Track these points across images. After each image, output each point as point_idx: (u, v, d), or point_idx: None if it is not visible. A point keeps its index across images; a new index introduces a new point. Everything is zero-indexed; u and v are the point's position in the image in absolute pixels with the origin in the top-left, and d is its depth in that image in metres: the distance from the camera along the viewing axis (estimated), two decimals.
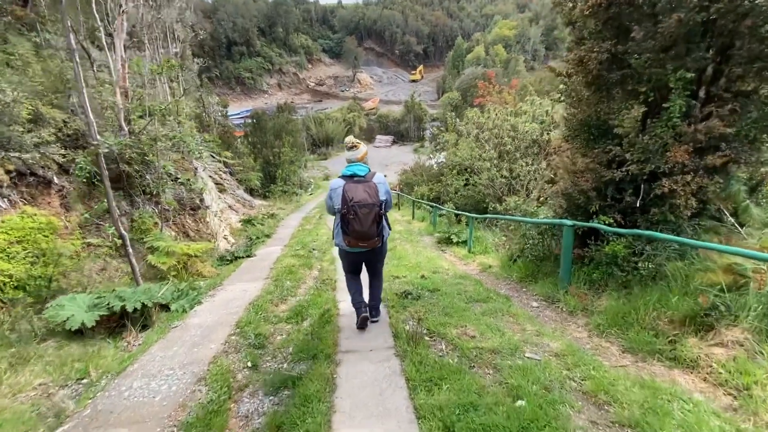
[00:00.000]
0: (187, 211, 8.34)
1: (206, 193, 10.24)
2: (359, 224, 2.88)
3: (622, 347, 3.22)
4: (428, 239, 9.74)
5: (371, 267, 3.42)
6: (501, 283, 5.36)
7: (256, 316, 3.97)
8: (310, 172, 33.52)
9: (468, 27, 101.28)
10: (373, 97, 78.70)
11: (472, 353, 2.98)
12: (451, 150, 11.63)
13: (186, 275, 5.74)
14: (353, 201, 2.87)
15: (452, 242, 8.67)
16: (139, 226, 6.16)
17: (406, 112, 49.44)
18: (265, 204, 20.12)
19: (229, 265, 6.64)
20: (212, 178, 15.57)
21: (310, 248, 8.04)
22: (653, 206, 3.90)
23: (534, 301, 4.55)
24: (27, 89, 4.53)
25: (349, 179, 3.01)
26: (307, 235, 9.84)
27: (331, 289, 4.96)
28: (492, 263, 6.34)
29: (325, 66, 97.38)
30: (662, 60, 3.29)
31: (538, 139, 9.13)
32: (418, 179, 18.68)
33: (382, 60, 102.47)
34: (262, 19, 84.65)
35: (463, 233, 8.83)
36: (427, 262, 6.55)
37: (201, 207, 8.69)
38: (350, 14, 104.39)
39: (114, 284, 4.87)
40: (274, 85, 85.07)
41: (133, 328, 3.75)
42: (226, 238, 9.86)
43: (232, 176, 20.52)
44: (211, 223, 9.16)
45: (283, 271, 5.87)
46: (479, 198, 10.28)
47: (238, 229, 11.25)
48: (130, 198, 6.40)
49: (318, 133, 45.20)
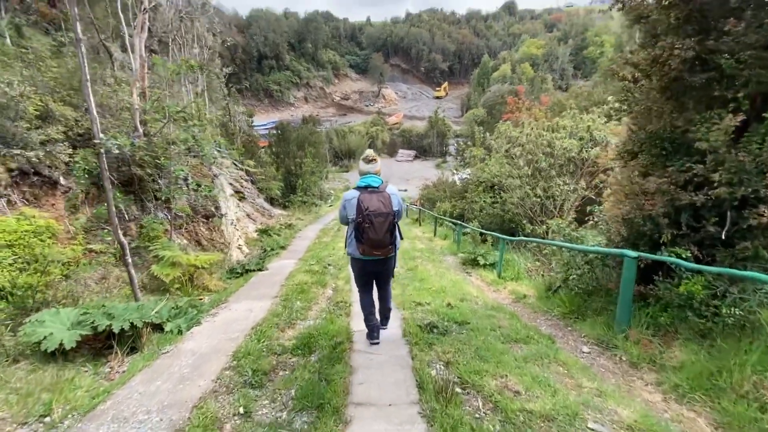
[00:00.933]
0: (201, 218, 8.05)
1: (223, 200, 10.00)
2: (374, 233, 2.95)
3: (714, 421, 2.49)
4: (451, 259, 9.07)
5: (381, 279, 3.47)
6: (540, 318, 4.65)
7: (258, 345, 3.45)
8: (331, 184, 33.47)
9: (494, 46, 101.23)
10: (397, 112, 79.17)
11: (518, 418, 2.34)
12: (478, 166, 11.02)
13: (191, 288, 5.32)
14: (368, 210, 2.94)
15: (478, 264, 7.97)
16: (147, 233, 5.83)
17: (430, 128, 49.19)
18: (284, 214, 19.94)
19: (238, 279, 6.20)
20: (232, 185, 15.49)
21: (325, 263, 7.54)
22: (742, 239, 3.18)
23: (584, 344, 3.83)
24: (38, 84, 4.31)
25: (364, 190, 3.07)
26: (323, 248, 9.37)
27: (345, 314, 4.40)
28: (526, 292, 5.62)
29: (351, 81, 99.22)
30: None
31: (575, 158, 8.40)
32: (440, 195, 18.08)
33: (407, 76, 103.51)
34: (292, 34, 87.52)
35: (491, 255, 8.13)
36: (453, 287, 5.90)
37: (216, 215, 8.38)
38: (378, 32, 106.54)
39: (111, 296, 4.48)
40: (301, 98, 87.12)
41: (120, 350, 3.29)
42: (240, 248, 9.52)
43: (253, 185, 20.57)
44: (226, 231, 8.84)
45: (294, 289, 5.36)
46: (508, 217, 9.56)
47: (254, 239, 10.92)
48: (142, 203, 6.11)
49: (340, 145, 45.47)
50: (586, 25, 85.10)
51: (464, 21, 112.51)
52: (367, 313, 3.45)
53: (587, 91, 14.49)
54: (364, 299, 3.45)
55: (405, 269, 7.52)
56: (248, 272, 6.51)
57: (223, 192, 10.64)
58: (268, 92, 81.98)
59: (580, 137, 8.05)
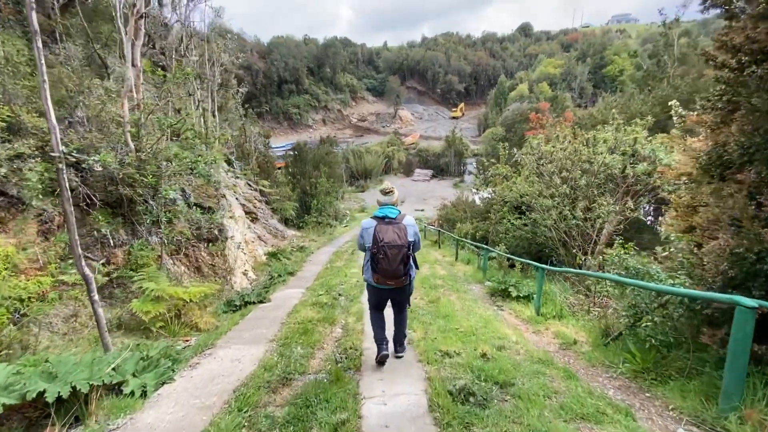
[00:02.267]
0: (203, 242, 7.41)
1: (230, 222, 9.41)
2: (388, 263, 3.01)
3: None
4: (477, 289, 8.08)
5: (396, 304, 3.50)
6: (602, 376, 3.63)
7: (238, 419, 2.61)
8: (347, 204, 32.98)
9: (511, 66, 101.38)
10: (413, 132, 79.39)
11: None
12: (504, 184, 10.13)
13: (177, 327, 4.57)
14: (383, 241, 3.00)
15: (510, 296, 6.97)
16: (135, 260, 5.18)
17: (447, 147, 48.65)
18: (297, 235, 19.37)
19: (234, 314, 5.43)
20: (244, 206, 15.05)
21: (335, 293, 6.71)
22: None
23: (676, 422, 2.81)
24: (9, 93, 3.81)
25: (381, 220, 3.13)
26: (334, 275, 8.56)
27: (355, 368, 3.52)
28: (576, 336, 4.60)
29: (368, 103, 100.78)
30: None
31: (615, 174, 7.41)
32: (460, 215, 17.14)
33: (423, 98, 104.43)
34: (311, 59, 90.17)
35: (523, 285, 7.12)
36: (485, 327, 4.94)
37: (219, 238, 7.74)
38: (394, 56, 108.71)
39: (78, 339, 3.76)
40: (319, 120, 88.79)
41: (59, 423, 2.51)
42: (246, 274, 8.82)
43: (267, 205, 20.20)
44: (231, 256, 8.18)
45: (296, 329, 4.54)
46: (540, 241, 8.55)
47: (263, 263, 10.23)
48: (132, 226, 5.49)
49: (357, 165, 45.33)
50: (604, 44, 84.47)
51: (480, 43, 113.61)
52: (376, 330, 3.49)
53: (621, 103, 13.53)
54: (374, 316, 3.51)
55: (426, 301, 6.61)
56: (247, 305, 5.73)
57: (230, 213, 10.09)
58: (288, 115, 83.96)
59: (622, 152, 7.08)
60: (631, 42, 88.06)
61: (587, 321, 5.14)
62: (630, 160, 7.59)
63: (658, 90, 11.12)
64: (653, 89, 10.95)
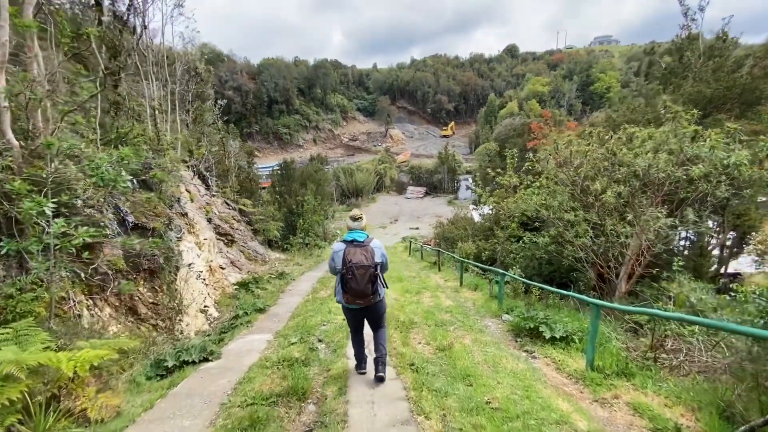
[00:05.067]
0: (143, 274, 5.74)
1: (192, 247, 7.74)
2: (356, 283, 3.20)
3: None
4: (494, 325, 6.48)
5: (372, 322, 3.64)
6: None
7: None
8: (338, 223, 31.33)
9: (499, 86, 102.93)
10: (405, 151, 79.00)
11: None
12: (517, 195, 8.72)
13: (52, 419, 2.88)
14: (351, 263, 3.19)
15: (540, 335, 5.38)
16: (13, 308, 3.51)
17: (440, 164, 47.73)
18: (281, 258, 17.61)
19: (161, 381, 3.73)
20: (218, 227, 13.37)
21: (314, 340, 5.05)
22: None
23: None
24: None
25: (350, 243, 3.32)
26: (316, 310, 6.88)
27: None
28: (673, 416, 3.01)
29: (359, 123, 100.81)
30: None
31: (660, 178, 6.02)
32: (460, 233, 15.64)
33: (413, 117, 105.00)
34: (302, 80, 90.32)
35: (557, 321, 5.55)
36: (527, 398, 3.35)
37: (166, 268, 6.08)
38: (384, 77, 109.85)
39: None
40: (310, 140, 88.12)
41: None
42: (205, 311, 7.09)
43: (249, 225, 18.51)
44: (183, 290, 6.49)
45: (241, 419, 2.88)
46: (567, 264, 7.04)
47: (231, 294, 8.51)
48: (19, 256, 3.84)
49: (348, 183, 43.98)
50: (590, 62, 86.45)
51: (468, 64, 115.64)
52: (356, 350, 3.83)
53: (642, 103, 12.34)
54: (354, 337, 3.78)
55: (434, 347, 4.99)
56: (185, 366, 4.03)
57: (194, 236, 8.43)
58: (277, 135, 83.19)
59: (669, 151, 5.72)
60: (616, 61, 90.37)
61: (672, 383, 3.57)
62: (682, 160, 6.18)
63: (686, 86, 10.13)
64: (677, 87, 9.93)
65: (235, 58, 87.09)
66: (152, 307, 5.66)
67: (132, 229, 5.89)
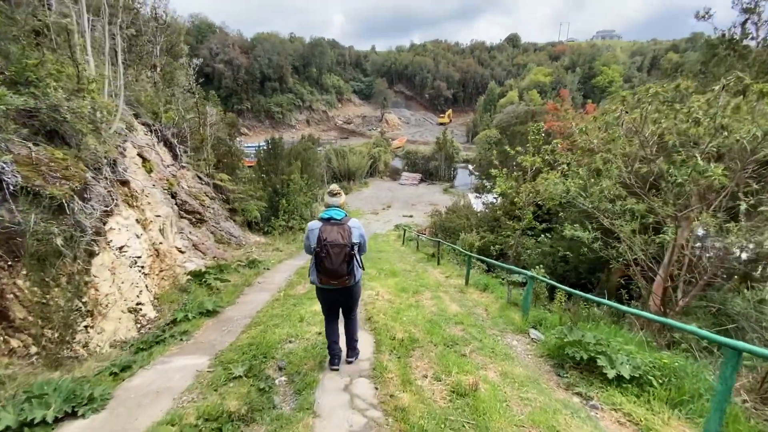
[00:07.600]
0: (27, 260, 3.94)
1: (124, 223, 5.93)
2: (330, 262, 3.04)
3: None
4: (519, 344, 4.89)
5: (345, 308, 3.52)
6: None
7: None
8: None
9: (499, 75, 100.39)
10: (400, 136, 76.73)
11: None
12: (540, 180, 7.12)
13: None
14: (326, 241, 3.04)
15: (597, 370, 3.79)
16: None
17: (437, 150, 45.81)
18: (261, 242, 15.82)
19: None
20: (185, 204, 11.49)
21: (270, 371, 3.37)
22: None
23: None
24: None
25: (326, 222, 3.17)
26: (285, 317, 5.16)
27: None
28: None
29: (355, 106, 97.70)
30: None
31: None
32: (462, 223, 14.00)
33: (411, 103, 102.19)
34: (297, 58, 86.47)
35: (618, 349, 3.95)
36: None
37: (67, 254, 4.28)
38: (382, 59, 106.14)
39: None
40: (303, 121, 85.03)
41: None
42: (136, 311, 5.32)
43: (227, 204, 16.61)
44: (102, 283, 4.71)
45: None
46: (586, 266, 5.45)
47: (182, 287, 6.74)
48: None
49: (340, 165, 41.86)
50: (593, 54, 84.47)
51: (468, 51, 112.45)
52: (330, 342, 3.56)
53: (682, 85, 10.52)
54: (328, 327, 3.55)
55: (448, 386, 3.37)
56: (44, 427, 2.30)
57: (134, 210, 6.61)
58: (270, 114, 79.93)
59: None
60: (620, 54, 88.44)
61: None
62: None
63: (739, 64, 8.55)
64: (730, 67, 8.37)
65: (228, 30, 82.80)
66: (38, 309, 3.89)
67: (15, 194, 4.05)
